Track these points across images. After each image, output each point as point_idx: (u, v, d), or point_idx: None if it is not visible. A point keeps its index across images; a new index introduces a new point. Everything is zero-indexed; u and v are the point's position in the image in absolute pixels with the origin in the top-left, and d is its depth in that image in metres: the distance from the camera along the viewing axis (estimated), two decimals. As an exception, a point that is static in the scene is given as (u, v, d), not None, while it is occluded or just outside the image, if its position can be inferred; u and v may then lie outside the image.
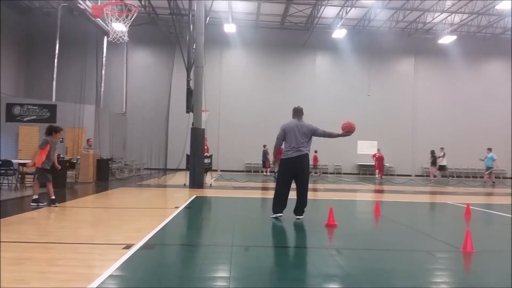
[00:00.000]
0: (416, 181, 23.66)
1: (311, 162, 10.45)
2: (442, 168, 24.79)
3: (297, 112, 8.35)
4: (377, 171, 25.89)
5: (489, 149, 22.31)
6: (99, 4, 11.75)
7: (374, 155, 26.03)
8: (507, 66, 31.62)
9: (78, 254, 5.16)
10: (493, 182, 22.53)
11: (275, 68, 30.41)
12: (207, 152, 17.82)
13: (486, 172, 22.43)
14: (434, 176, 24.56)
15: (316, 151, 26.06)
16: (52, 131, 9.43)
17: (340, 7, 26.49)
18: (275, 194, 8.28)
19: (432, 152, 24.80)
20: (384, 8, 25.89)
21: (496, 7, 24.02)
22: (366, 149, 29.67)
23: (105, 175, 17.48)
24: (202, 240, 6.49)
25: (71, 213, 9.01)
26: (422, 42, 30.86)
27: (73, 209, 9.50)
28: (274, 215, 8.14)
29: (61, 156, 15.46)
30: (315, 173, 26.32)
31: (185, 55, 20.61)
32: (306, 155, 8.05)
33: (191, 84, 17.33)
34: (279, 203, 8.17)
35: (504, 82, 31.13)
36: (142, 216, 8.54)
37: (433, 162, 24.72)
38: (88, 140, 18.20)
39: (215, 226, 7.77)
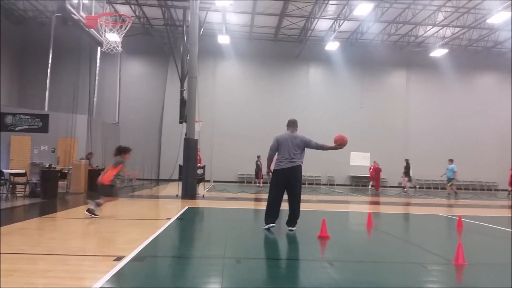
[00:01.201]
0: (409, 192, 23.72)
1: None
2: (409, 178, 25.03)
3: (291, 124, 8.41)
4: (371, 182, 25.84)
5: (451, 161, 22.34)
6: (93, 15, 11.76)
7: (370, 168, 25.97)
8: (498, 79, 32.02)
9: (68, 266, 5.10)
10: (455, 193, 22.44)
11: (269, 79, 30.54)
12: (200, 162, 17.77)
13: (448, 184, 22.40)
14: (406, 187, 24.47)
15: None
16: (122, 151, 9.86)
17: (333, 20, 26.73)
18: (267, 205, 8.28)
19: (407, 161, 24.72)
20: (376, 21, 26.16)
21: (487, 21, 24.34)
22: (358, 160, 29.79)
23: (97, 186, 17.31)
24: (193, 252, 6.44)
25: (61, 224, 8.92)
26: (414, 55, 31.17)
27: (64, 220, 9.41)
28: (267, 226, 8.12)
29: (52, 166, 15.35)
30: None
31: (179, 65, 20.69)
32: (299, 167, 8.08)
33: (185, 94, 17.36)
34: (271, 214, 8.16)
35: (495, 95, 31.47)
36: (134, 227, 8.48)
37: (407, 172, 24.57)
38: (88, 154, 18.17)
39: (207, 238, 7.72)
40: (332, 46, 28.05)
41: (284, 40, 30.19)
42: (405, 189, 24.30)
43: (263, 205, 12.42)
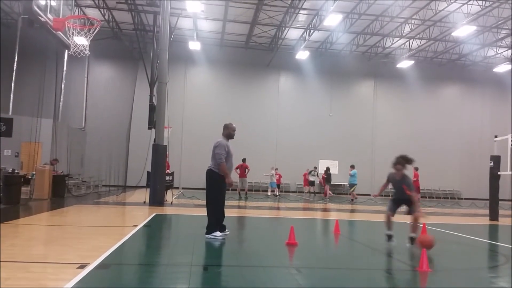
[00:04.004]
0: (375, 200, 24.12)
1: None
2: (312, 183, 25.54)
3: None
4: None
5: (352, 167, 22.92)
6: (61, 17, 11.52)
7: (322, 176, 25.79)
8: (461, 90, 33.12)
9: (29, 274, 4.94)
10: (355, 198, 22.73)
11: (240, 86, 30.60)
12: (168, 169, 17.59)
13: (351, 190, 22.86)
14: (327, 195, 24.75)
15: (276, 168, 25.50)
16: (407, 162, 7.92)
17: (303, 30, 27.07)
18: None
19: (327, 169, 24.92)
20: (345, 32, 26.65)
21: (452, 34, 25.14)
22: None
23: (61, 192, 16.90)
24: (160, 260, 6.35)
25: (23, 230, 8.64)
26: (381, 65, 31.89)
27: (26, 227, 9.12)
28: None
29: (16, 171, 14.87)
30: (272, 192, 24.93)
31: (149, 71, 20.49)
32: (209, 170, 8.04)
33: (154, 100, 17.18)
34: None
35: (458, 106, 32.50)
36: (98, 234, 8.30)
37: (328, 179, 24.78)
38: (53, 160, 17.71)
39: (175, 245, 7.63)
40: (302, 55, 28.39)
41: (255, 48, 30.35)
42: (327, 197, 24.43)
43: (233, 212, 12.41)
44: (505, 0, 21.55)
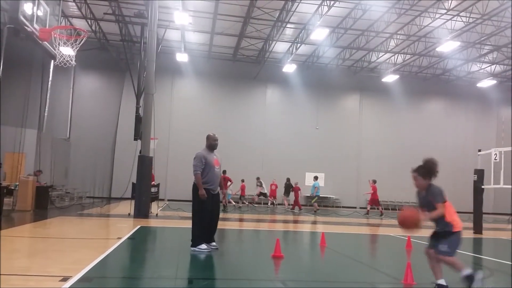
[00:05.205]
0: (360, 213, 24.22)
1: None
2: (264, 194, 25.55)
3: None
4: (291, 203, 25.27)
5: (315, 178, 23.28)
6: (47, 28, 11.46)
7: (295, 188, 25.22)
8: (445, 105, 33.58)
9: (11, 286, 4.84)
10: (315, 211, 22.89)
11: (227, 98, 30.64)
12: (153, 180, 17.47)
13: (313, 201, 23.12)
14: (288, 205, 24.98)
15: (243, 180, 24.71)
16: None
17: (290, 43, 27.31)
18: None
19: (288, 180, 25.04)
20: (331, 46, 26.94)
21: (437, 49, 25.55)
22: (313, 181, 30.13)
23: (44, 203, 16.64)
24: (144, 273, 6.28)
25: (5, 242, 8.47)
26: (367, 80, 32.24)
27: (8, 239, 8.95)
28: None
29: (-2, 182, 14.64)
30: (243, 203, 24.71)
31: (135, 82, 20.41)
32: (193, 185, 8.19)
33: (141, 111, 17.12)
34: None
35: (442, 120, 32.91)
36: (82, 247, 8.19)
37: (287, 191, 24.93)
38: (36, 171, 17.50)
39: (159, 258, 7.56)
40: (289, 68, 28.59)
41: (242, 61, 30.49)
42: (286, 207, 24.70)
43: (219, 225, 12.34)
44: (488, 18, 22.04)
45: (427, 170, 5.71)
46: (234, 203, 23.88)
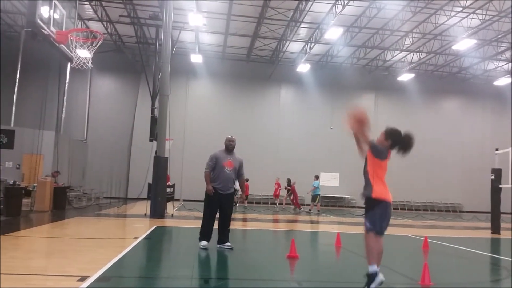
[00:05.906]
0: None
1: None
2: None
3: None
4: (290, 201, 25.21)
5: (316, 177, 22.96)
6: (63, 30, 11.62)
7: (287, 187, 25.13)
8: (462, 103, 33.15)
9: (30, 286, 4.93)
10: (310, 210, 22.82)
11: (241, 99, 30.70)
12: (168, 181, 17.59)
13: (316, 201, 22.80)
14: (287, 204, 25.05)
15: (247, 180, 24.67)
16: None
17: (304, 43, 27.24)
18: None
19: (289, 180, 24.71)
20: (346, 45, 26.80)
21: (453, 47, 25.26)
22: (328, 181, 30.01)
23: (62, 204, 16.88)
24: (161, 272, 6.34)
25: (24, 243, 8.63)
26: (382, 78, 31.99)
27: (27, 239, 9.11)
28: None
29: (17, 183, 14.89)
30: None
31: (151, 83, 20.62)
32: None
33: (156, 112, 17.25)
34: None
35: (459, 119, 32.50)
36: (99, 247, 8.28)
37: (288, 191, 24.65)
38: (54, 172, 17.73)
39: (175, 258, 7.62)
40: (303, 68, 28.54)
41: (256, 61, 30.51)
42: (282, 205, 24.82)
43: (234, 225, 12.35)
44: (505, 15, 21.70)
45: (396, 140, 5.86)
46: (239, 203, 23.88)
